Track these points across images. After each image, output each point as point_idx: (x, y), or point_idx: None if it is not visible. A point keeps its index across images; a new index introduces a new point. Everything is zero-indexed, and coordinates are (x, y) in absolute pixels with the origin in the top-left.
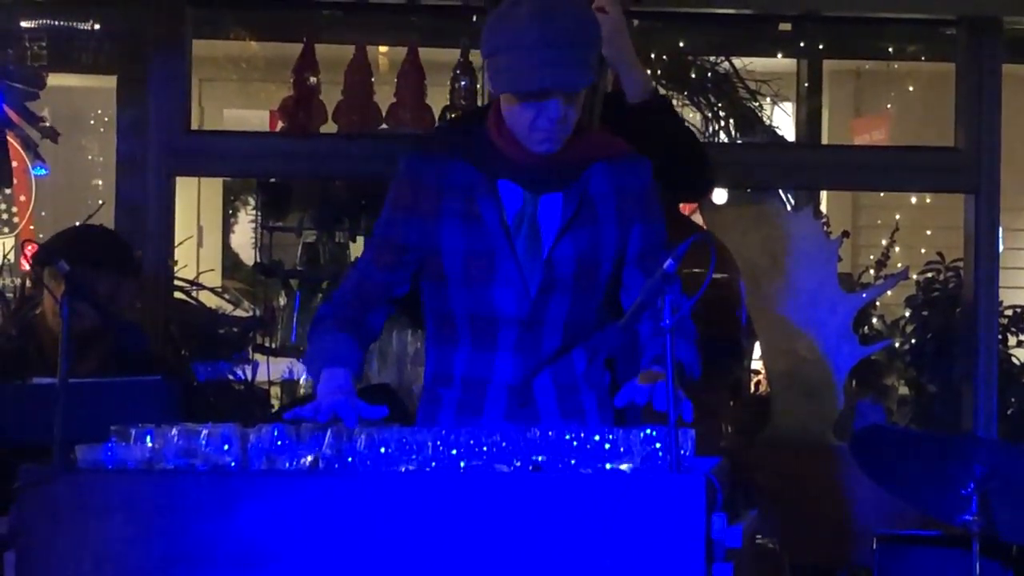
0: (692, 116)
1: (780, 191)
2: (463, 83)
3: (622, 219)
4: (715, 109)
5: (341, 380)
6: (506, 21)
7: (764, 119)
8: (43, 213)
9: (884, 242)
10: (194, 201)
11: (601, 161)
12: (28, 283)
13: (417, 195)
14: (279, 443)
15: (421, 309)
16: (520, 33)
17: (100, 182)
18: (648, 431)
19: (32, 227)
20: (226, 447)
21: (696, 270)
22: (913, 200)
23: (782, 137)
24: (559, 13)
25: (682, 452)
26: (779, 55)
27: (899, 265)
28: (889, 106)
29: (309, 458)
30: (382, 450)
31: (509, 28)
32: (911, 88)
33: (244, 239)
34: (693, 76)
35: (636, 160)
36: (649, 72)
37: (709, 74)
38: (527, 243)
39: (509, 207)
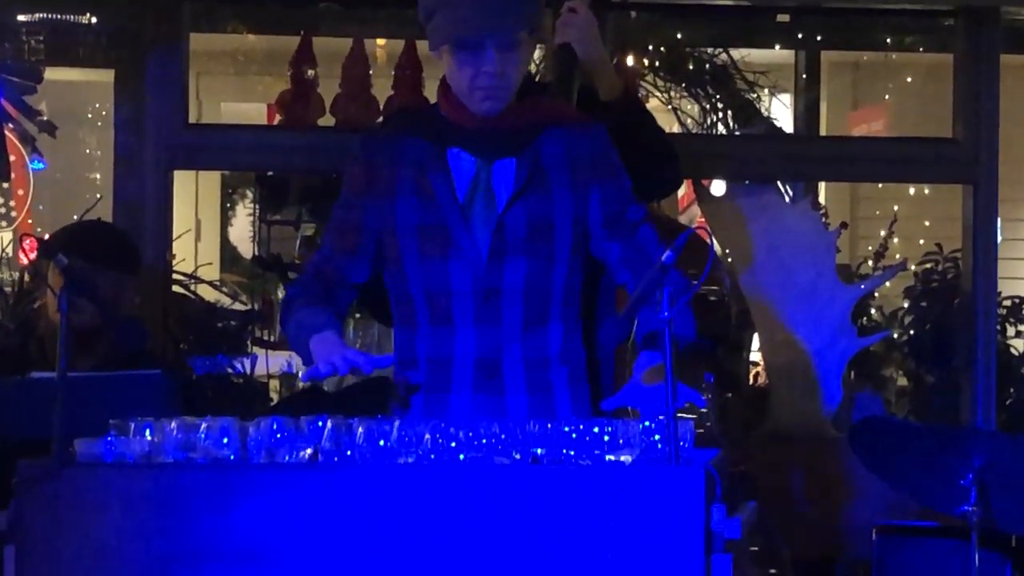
0: (690, 108)
1: (778, 183)
2: None
3: (576, 184)
4: (713, 101)
5: (334, 339)
6: None
7: (762, 111)
8: (41, 207)
9: (882, 233)
10: (192, 195)
11: (553, 126)
12: (27, 277)
13: (371, 174)
14: (278, 436)
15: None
16: None
17: (98, 176)
18: (647, 423)
19: (30, 221)
20: (225, 440)
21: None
22: (911, 191)
23: (780, 129)
24: None
25: (681, 444)
26: (777, 47)
27: (897, 256)
28: (887, 97)
29: (308, 451)
30: (381, 443)
31: None
32: (909, 79)
33: (242, 232)
34: (691, 68)
35: (589, 125)
36: (646, 63)
37: (707, 66)
38: (482, 211)
39: (462, 176)
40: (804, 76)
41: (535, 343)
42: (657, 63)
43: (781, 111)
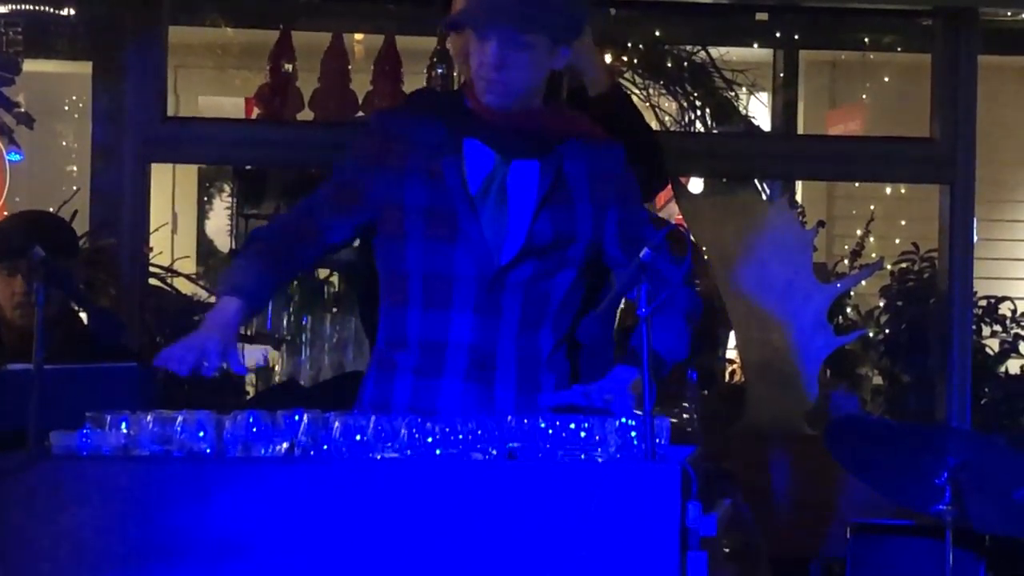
0: (668, 105)
1: (755, 181)
2: (440, 71)
3: (595, 201)
4: (691, 99)
5: (229, 315)
6: None
7: (740, 109)
8: (17, 199)
9: (859, 232)
10: (169, 188)
11: (575, 139)
12: None
13: (384, 148)
14: (255, 430)
15: (368, 280)
16: None
17: (75, 168)
18: (624, 420)
19: (6, 213)
20: (201, 434)
21: None
22: (888, 190)
23: (758, 127)
24: None
25: (657, 441)
26: (755, 45)
27: (874, 255)
28: (865, 97)
29: (284, 445)
30: (358, 437)
31: None
32: (887, 79)
33: (219, 226)
34: (669, 65)
35: (610, 145)
36: (625, 60)
37: (685, 64)
38: (494, 207)
39: (479, 169)
40: (782, 75)
41: (528, 342)
42: (636, 60)
43: (759, 109)
